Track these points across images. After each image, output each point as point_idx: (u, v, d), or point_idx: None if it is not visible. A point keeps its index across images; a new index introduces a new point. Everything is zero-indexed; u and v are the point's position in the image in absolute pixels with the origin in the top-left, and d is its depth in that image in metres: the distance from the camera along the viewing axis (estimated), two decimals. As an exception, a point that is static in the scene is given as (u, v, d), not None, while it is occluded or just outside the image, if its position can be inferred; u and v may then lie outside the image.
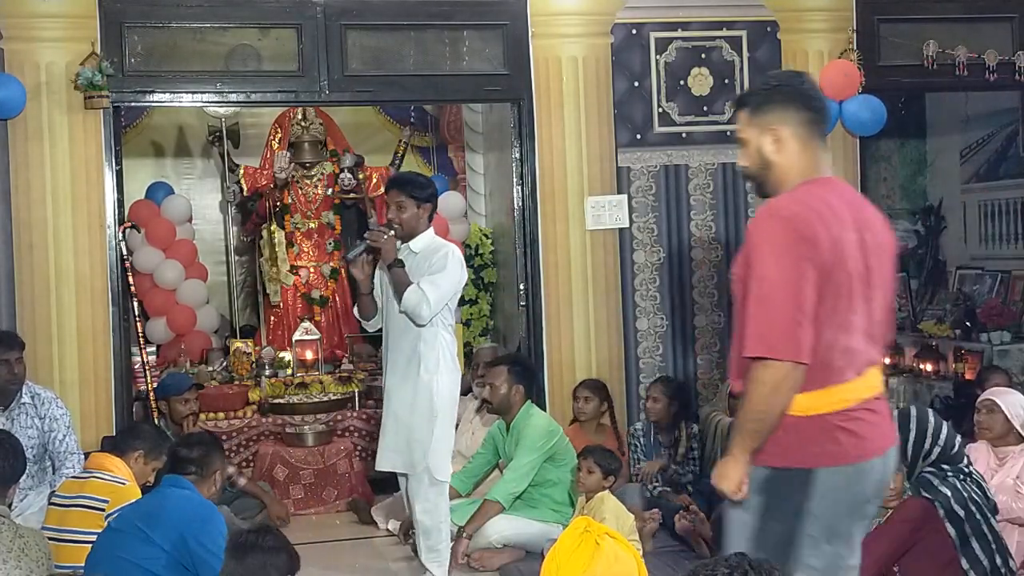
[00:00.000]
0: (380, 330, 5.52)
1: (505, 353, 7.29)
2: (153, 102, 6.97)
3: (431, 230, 5.42)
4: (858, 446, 3.10)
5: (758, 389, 3.05)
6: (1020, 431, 5.00)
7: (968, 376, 8.07)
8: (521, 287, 7.03)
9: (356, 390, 7.76)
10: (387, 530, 6.42)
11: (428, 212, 5.38)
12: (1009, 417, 5.00)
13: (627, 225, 6.99)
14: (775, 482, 3.12)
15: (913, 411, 4.47)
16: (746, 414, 3.10)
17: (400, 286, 5.17)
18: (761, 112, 3.30)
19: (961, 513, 4.28)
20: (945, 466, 4.38)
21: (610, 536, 2.72)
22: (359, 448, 7.41)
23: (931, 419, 4.42)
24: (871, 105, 7.09)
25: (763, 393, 3.04)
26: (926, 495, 4.31)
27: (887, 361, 8.95)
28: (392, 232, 5.24)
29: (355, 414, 7.61)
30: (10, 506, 4.13)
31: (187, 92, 6.64)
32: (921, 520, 4.18)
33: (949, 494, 4.30)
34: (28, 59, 6.31)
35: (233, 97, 6.77)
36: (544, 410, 6.45)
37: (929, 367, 8.66)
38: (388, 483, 7.39)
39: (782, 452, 3.10)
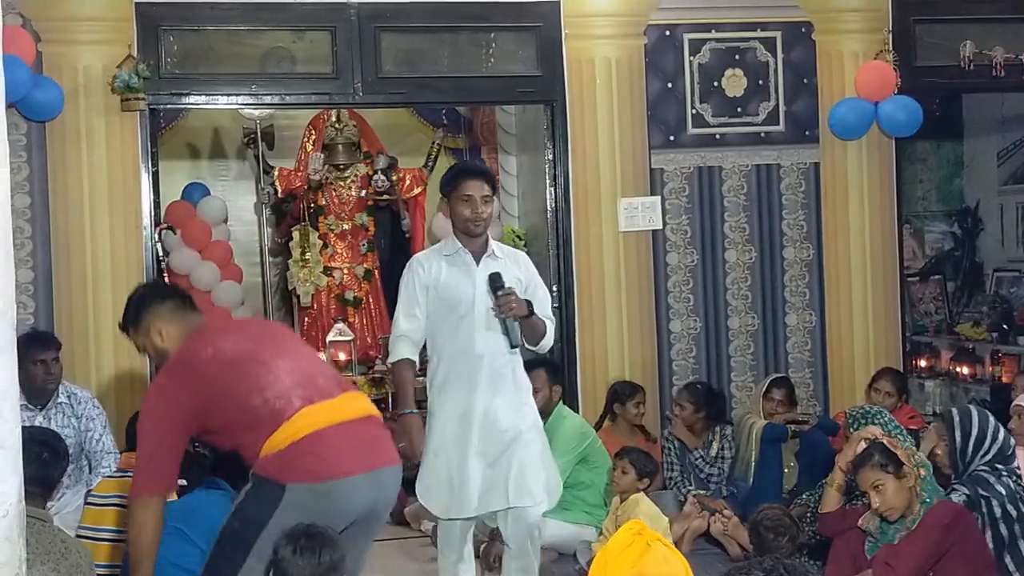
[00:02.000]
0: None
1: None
2: (189, 104, 7.02)
3: None
4: (324, 467, 3.41)
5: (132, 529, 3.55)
6: (1053, 436, 4.98)
7: (1005, 379, 8.01)
8: (554, 289, 7.01)
9: (390, 391, 7.76)
10: (420, 531, 6.43)
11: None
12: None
13: (660, 227, 6.97)
14: (258, 486, 3.45)
15: (974, 409, 4.59)
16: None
17: (538, 330, 4.60)
18: (138, 322, 3.83)
19: (1014, 513, 4.28)
20: (1000, 465, 4.39)
21: (661, 542, 2.74)
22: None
23: (990, 418, 4.50)
24: (907, 106, 7.03)
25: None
26: (983, 492, 4.30)
27: (923, 364, 8.91)
28: (510, 288, 4.51)
29: (389, 415, 7.61)
30: (49, 508, 4.17)
31: (222, 94, 6.69)
32: (952, 523, 4.15)
33: (1005, 493, 4.30)
34: (66, 62, 6.37)
35: (268, 99, 6.81)
36: (577, 412, 6.44)
37: (966, 370, 8.60)
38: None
39: (269, 467, 3.44)
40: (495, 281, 4.48)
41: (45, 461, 3.98)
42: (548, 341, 4.66)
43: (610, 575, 2.69)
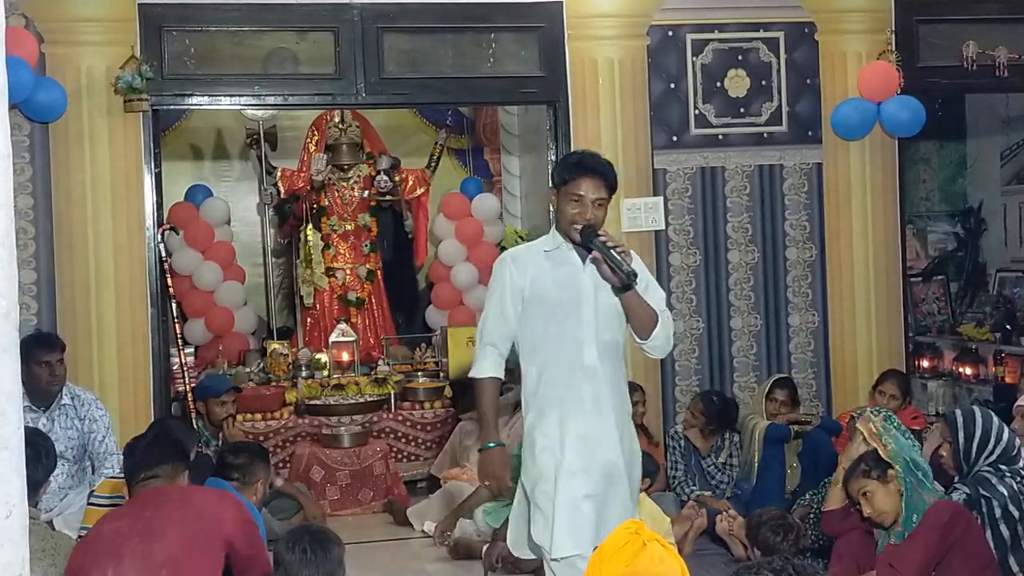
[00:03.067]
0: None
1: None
2: (192, 105, 7.03)
3: None
4: None
5: None
6: (1056, 436, 4.97)
7: (1008, 380, 8.01)
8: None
9: (392, 392, 7.77)
10: (423, 532, 6.43)
11: None
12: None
13: (663, 227, 6.97)
14: None
15: (977, 410, 4.58)
16: None
17: (647, 313, 3.94)
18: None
19: (1016, 514, 4.28)
20: (1003, 466, 4.39)
21: (658, 542, 2.73)
22: (395, 449, 7.44)
23: (994, 419, 4.50)
24: (910, 106, 7.02)
25: None
26: (984, 493, 4.30)
27: (926, 364, 8.91)
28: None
29: (391, 415, 7.63)
30: (36, 505, 4.18)
31: (225, 95, 6.70)
32: (951, 522, 4.15)
33: (1007, 493, 4.30)
34: (69, 63, 6.37)
35: (270, 100, 6.81)
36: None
37: (969, 371, 8.60)
38: (423, 485, 7.45)
39: None
40: (588, 230, 3.88)
41: (28, 460, 3.99)
42: (664, 339, 3.99)
43: (604, 573, 2.68)
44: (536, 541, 3.91)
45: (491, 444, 3.96)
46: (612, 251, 3.80)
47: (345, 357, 8.11)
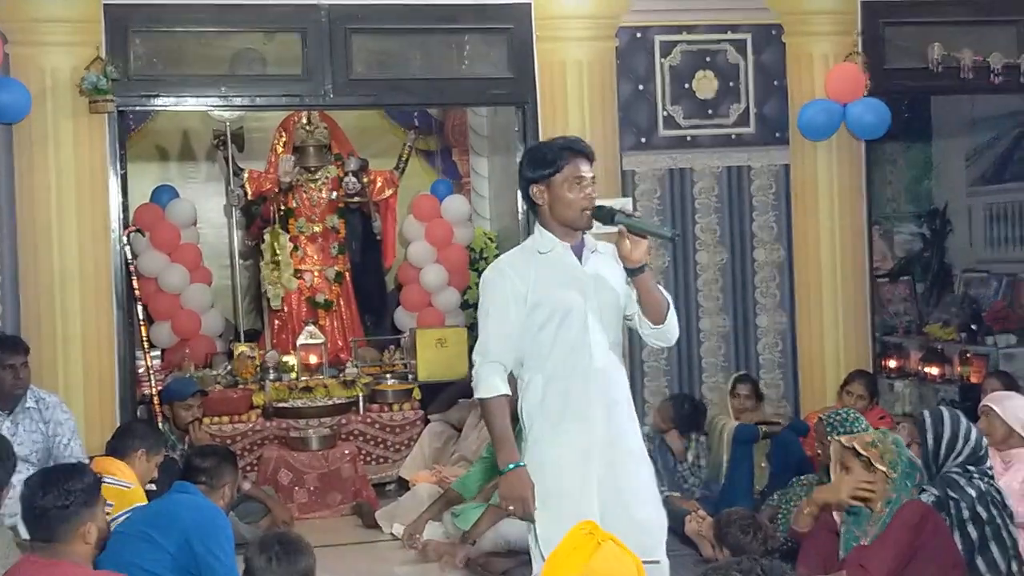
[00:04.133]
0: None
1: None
2: (157, 106, 6.97)
3: None
4: None
5: None
6: (1021, 434, 5.01)
7: (974, 380, 8.06)
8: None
9: (360, 394, 7.74)
10: (391, 534, 6.41)
11: None
12: (1007, 421, 5.01)
13: (632, 228, 6.96)
14: None
15: (945, 411, 4.59)
16: None
17: (659, 296, 3.78)
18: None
19: (984, 515, 4.30)
20: (971, 467, 4.42)
21: (613, 541, 2.74)
22: (363, 452, 7.41)
23: (962, 420, 4.52)
24: (876, 109, 7.07)
25: None
26: (952, 495, 4.32)
27: (893, 364, 8.97)
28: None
29: (359, 418, 7.60)
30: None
31: (192, 96, 6.65)
32: (921, 523, 4.16)
33: (975, 495, 4.32)
34: (33, 63, 6.31)
35: (237, 101, 6.78)
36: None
37: (935, 371, 8.65)
38: (392, 487, 7.43)
39: None
40: (604, 210, 3.70)
41: None
42: (675, 323, 3.84)
43: (560, 574, 2.69)
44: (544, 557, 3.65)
45: (512, 465, 3.67)
46: (641, 221, 3.64)
47: (313, 359, 8.08)
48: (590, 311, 3.73)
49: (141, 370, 6.94)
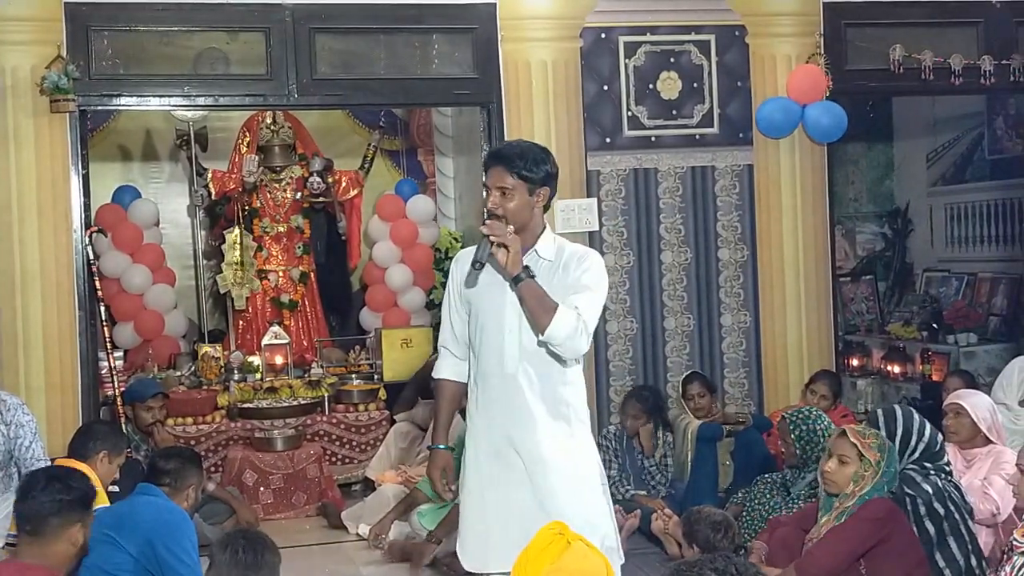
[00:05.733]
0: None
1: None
2: (120, 106, 6.93)
3: (548, 228, 3.93)
4: None
5: None
6: (987, 434, 5.05)
7: (935, 378, 8.16)
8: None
9: (326, 394, 7.73)
10: (357, 534, 6.40)
11: (544, 200, 3.85)
12: (976, 420, 5.04)
13: (597, 228, 7.00)
14: None
15: (898, 409, 4.61)
16: None
17: (539, 307, 3.60)
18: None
19: (941, 511, 4.33)
20: (928, 464, 4.45)
21: (583, 541, 2.76)
22: (328, 452, 7.39)
23: (915, 416, 4.54)
24: (832, 112, 7.11)
25: None
26: (908, 491, 4.35)
27: (855, 363, 9.04)
28: (511, 227, 3.67)
29: (325, 418, 7.58)
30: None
31: (154, 95, 6.61)
32: (886, 519, 4.20)
33: (931, 491, 4.35)
34: (-7, 62, 6.26)
35: (201, 100, 6.74)
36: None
37: (896, 369, 8.74)
38: (358, 487, 7.41)
39: None
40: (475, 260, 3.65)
41: None
42: (563, 335, 3.57)
43: (530, 573, 2.71)
44: (458, 550, 3.89)
45: (436, 447, 3.90)
46: (485, 240, 3.61)
47: (278, 360, 8.05)
48: (507, 316, 3.69)
49: (104, 371, 6.89)
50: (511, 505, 3.70)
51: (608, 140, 7.02)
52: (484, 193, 3.80)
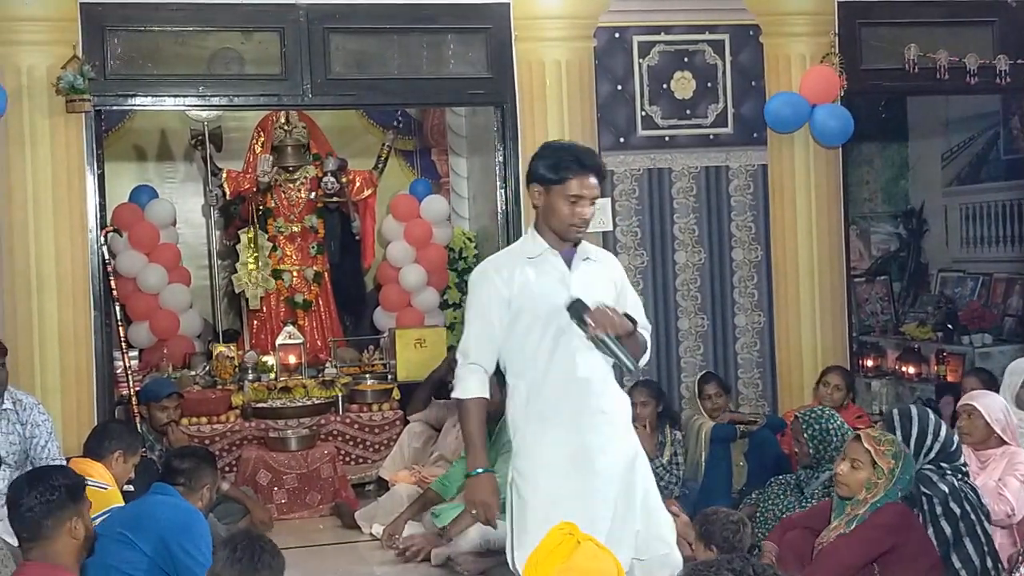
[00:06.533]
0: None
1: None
2: (135, 105, 6.95)
3: None
4: None
5: None
6: (1001, 435, 5.03)
7: (950, 379, 8.13)
8: (505, 291, 7.01)
9: (339, 394, 7.73)
10: (371, 534, 6.40)
11: None
12: (989, 422, 5.02)
13: (611, 228, 7.00)
14: None
15: (914, 409, 4.60)
16: None
17: (636, 345, 3.74)
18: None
19: (957, 511, 4.32)
20: (944, 464, 4.43)
21: (592, 542, 2.77)
22: (343, 452, 7.40)
23: (931, 416, 4.53)
24: (840, 115, 7.10)
25: None
26: (925, 491, 4.34)
27: (870, 363, 9.02)
28: (599, 302, 3.67)
29: (338, 418, 7.59)
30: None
31: (169, 95, 6.63)
32: (899, 526, 4.18)
33: (947, 491, 4.33)
34: (8, 62, 6.28)
35: (216, 101, 6.76)
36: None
37: (911, 369, 8.70)
38: (372, 487, 7.42)
39: None
40: (577, 308, 3.64)
41: None
42: (648, 355, 3.83)
43: (540, 573, 2.72)
44: (517, 566, 3.68)
45: (479, 471, 3.73)
46: (614, 343, 3.58)
47: (292, 360, 8.06)
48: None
49: (119, 371, 6.91)
50: (597, 510, 3.63)
51: (622, 140, 7.02)
52: (570, 201, 3.70)
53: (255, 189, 8.52)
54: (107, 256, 6.54)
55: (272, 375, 7.98)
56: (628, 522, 3.70)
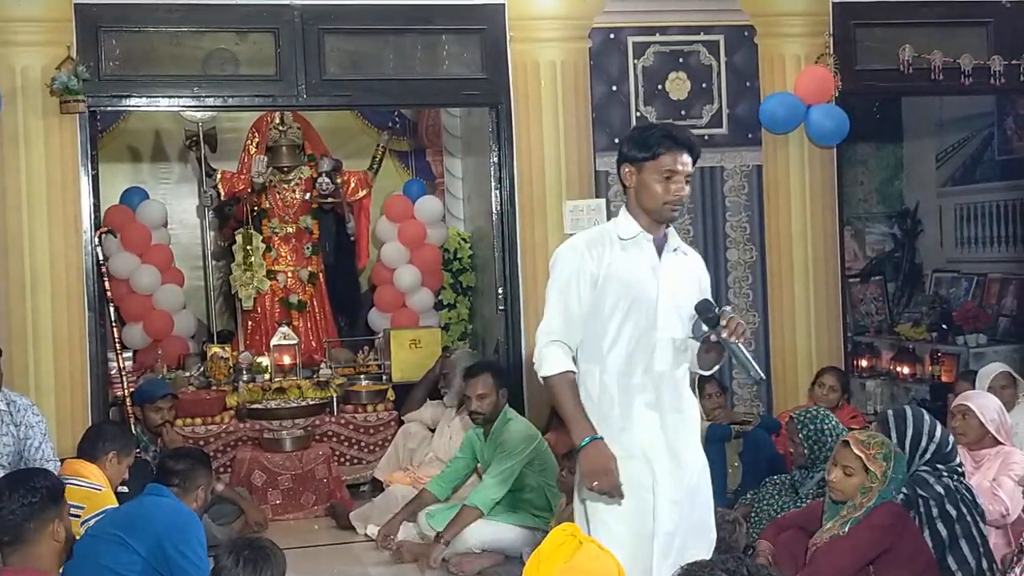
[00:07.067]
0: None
1: (478, 360, 7.19)
2: (129, 106, 6.94)
3: None
4: None
5: None
6: (995, 435, 5.03)
7: (944, 379, 8.14)
8: (500, 291, 7.02)
9: (334, 395, 7.73)
10: (366, 535, 6.40)
11: None
12: (984, 422, 5.03)
13: (606, 229, 6.98)
14: None
15: (908, 410, 4.60)
16: None
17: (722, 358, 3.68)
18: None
19: (953, 513, 4.32)
20: (940, 465, 4.43)
21: (594, 543, 2.78)
22: (337, 453, 7.39)
23: (926, 417, 4.53)
24: (835, 115, 7.10)
25: None
26: (921, 492, 4.34)
27: (864, 364, 9.02)
28: (728, 308, 3.60)
29: (333, 419, 7.58)
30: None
31: (164, 96, 6.62)
32: (894, 526, 4.18)
33: (943, 492, 4.34)
34: (3, 63, 6.27)
35: (210, 101, 6.75)
36: (523, 415, 6.44)
37: (906, 370, 8.72)
38: (366, 488, 7.42)
39: None
40: (707, 310, 3.52)
41: None
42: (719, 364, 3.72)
43: (542, 573, 2.72)
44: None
45: (589, 439, 3.48)
46: (741, 350, 3.45)
47: (287, 360, 8.05)
48: (660, 310, 3.57)
49: (113, 372, 6.90)
50: (665, 505, 3.54)
51: (617, 140, 6.98)
52: (664, 177, 3.60)
53: (250, 190, 8.51)
54: (101, 257, 6.52)
55: (267, 376, 7.98)
56: (693, 523, 3.61)
